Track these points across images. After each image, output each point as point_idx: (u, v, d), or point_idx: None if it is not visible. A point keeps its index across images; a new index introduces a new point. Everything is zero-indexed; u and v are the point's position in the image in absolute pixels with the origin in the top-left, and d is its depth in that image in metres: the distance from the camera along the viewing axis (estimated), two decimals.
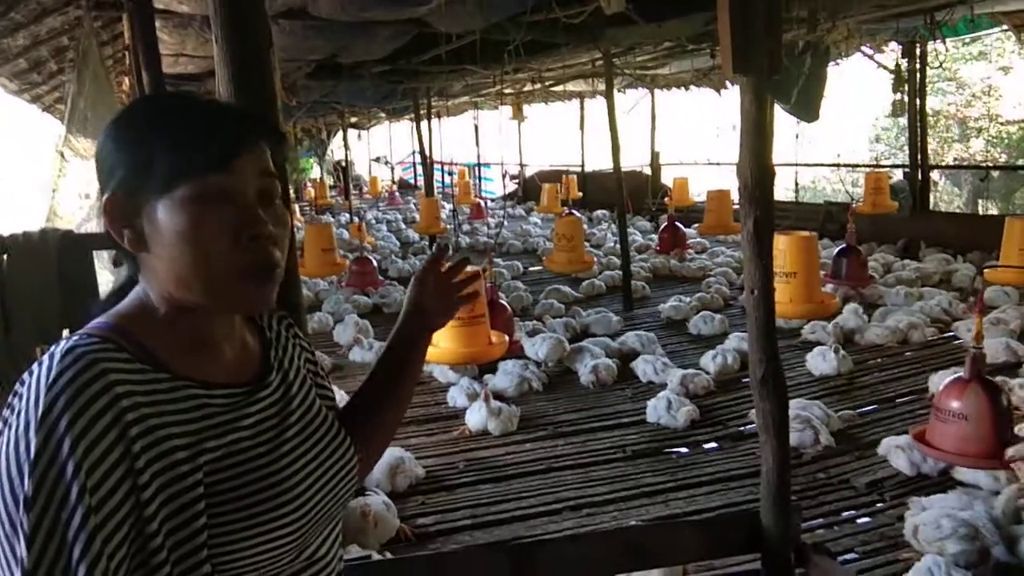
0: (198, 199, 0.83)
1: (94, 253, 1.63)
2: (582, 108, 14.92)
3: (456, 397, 5.01)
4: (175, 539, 0.79)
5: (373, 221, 15.01)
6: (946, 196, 17.62)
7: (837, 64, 8.56)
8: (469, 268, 1.28)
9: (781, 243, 4.65)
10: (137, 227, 0.86)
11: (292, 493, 0.90)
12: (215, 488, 0.83)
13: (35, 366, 0.79)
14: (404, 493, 3.79)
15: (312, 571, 0.95)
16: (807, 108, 6.55)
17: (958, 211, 15.63)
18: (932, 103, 15.77)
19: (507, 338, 4.26)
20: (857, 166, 14.76)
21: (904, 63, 8.64)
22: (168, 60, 5.91)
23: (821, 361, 5.37)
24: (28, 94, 6.79)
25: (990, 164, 17.71)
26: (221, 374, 0.91)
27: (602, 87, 9.36)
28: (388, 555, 3.08)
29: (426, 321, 1.23)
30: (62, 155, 4.80)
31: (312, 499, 0.93)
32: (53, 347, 0.80)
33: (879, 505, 3.57)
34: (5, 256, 1.58)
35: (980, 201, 16.09)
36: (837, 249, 6.96)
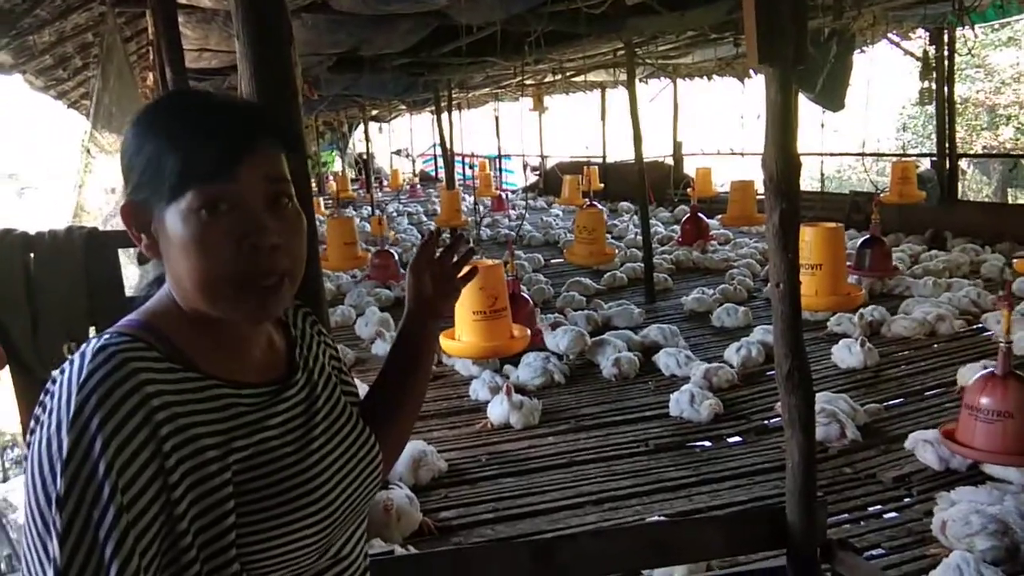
0: (202, 208, 0.82)
1: (119, 251, 1.65)
2: (603, 98, 14.82)
3: (478, 390, 5.01)
4: (204, 538, 0.80)
5: (394, 214, 15.06)
6: (975, 185, 17.31)
7: (863, 52, 8.43)
8: (468, 256, 1.26)
9: (806, 235, 4.59)
10: (151, 234, 0.86)
11: (320, 491, 0.90)
12: (244, 487, 0.83)
13: (66, 365, 0.79)
14: (427, 486, 3.81)
15: (337, 569, 0.95)
16: (832, 97, 6.47)
17: (987, 200, 15.35)
18: (960, 90, 15.50)
19: (528, 331, 4.24)
20: (883, 155, 14.54)
21: (932, 50, 8.48)
22: (192, 55, 5.95)
23: (847, 354, 5.31)
24: (54, 90, 6.87)
25: (1020, 152, 17.40)
26: (249, 373, 0.91)
27: (624, 77, 9.30)
28: (411, 549, 3.09)
29: (430, 310, 1.21)
30: (87, 151, 4.85)
31: (339, 497, 0.93)
32: (84, 346, 0.81)
33: (906, 500, 3.52)
34: (31, 255, 1.59)
35: (1009, 190, 15.80)
36: (861, 240, 6.86)
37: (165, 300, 0.89)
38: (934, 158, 9.69)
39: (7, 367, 1.63)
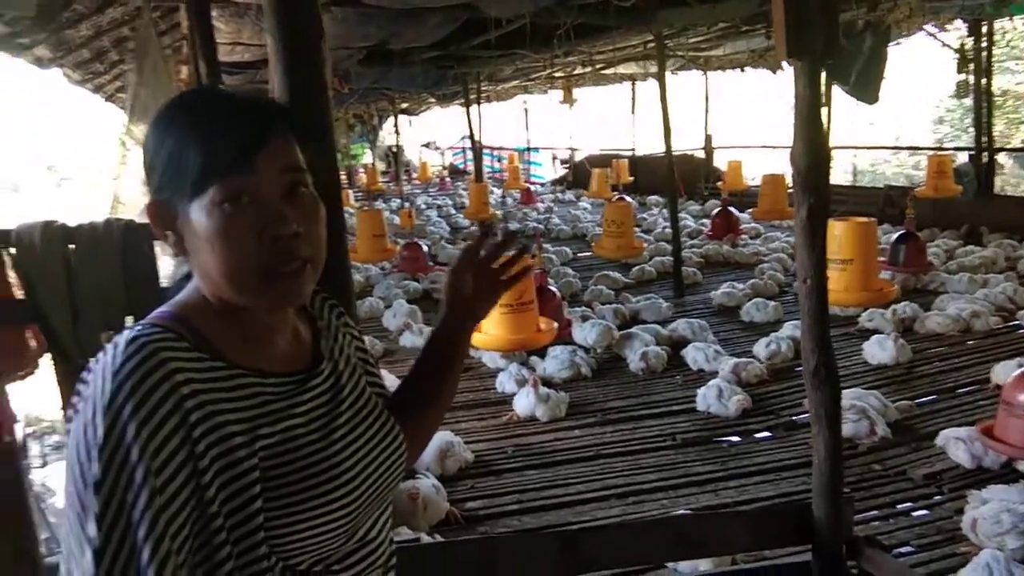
0: (224, 201, 0.84)
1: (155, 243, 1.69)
2: (633, 91, 14.72)
3: (505, 383, 5.04)
4: (233, 521, 0.83)
5: (423, 206, 15.12)
6: (1013, 179, 16.93)
7: (899, 44, 8.28)
8: (512, 250, 1.20)
9: (837, 229, 4.53)
10: (177, 231, 0.89)
11: (344, 478, 0.92)
12: (270, 473, 0.86)
13: (101, 355, 0.83)
14: (453, 477, 3.84)
15: (362, 553, 0.98)
16: (867, 89, 6.37)
17: None
18: (999, 83, 15.13)
19: (555, 325, 4.25)
20: (918, 149, 14.27)
21: (970, 42, 8.31)
22: (224, 48, 6.02)
23: (879, 350, 5.24)
24: (91, 84, 7.00)
25: None
26: (275, 363, 0.93)
27: (654, 69, 9.23)
28: (438, 537, 3.13)
29: (469, 312, 1.18)
30: (123, 143, 4.95)
31: (363, 483, 0.95)
32: (117, 336, 0.84)
33: (936, 498, 3.48)
34: (71, 246, 1.64)
35: None
36: (895, 235, 6.76)
37: (194, 293, 0.92)
38: (971, 152, 9.49)
39: (47, 355, 1.68)
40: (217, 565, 0.81)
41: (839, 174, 11.60)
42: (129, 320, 1.63)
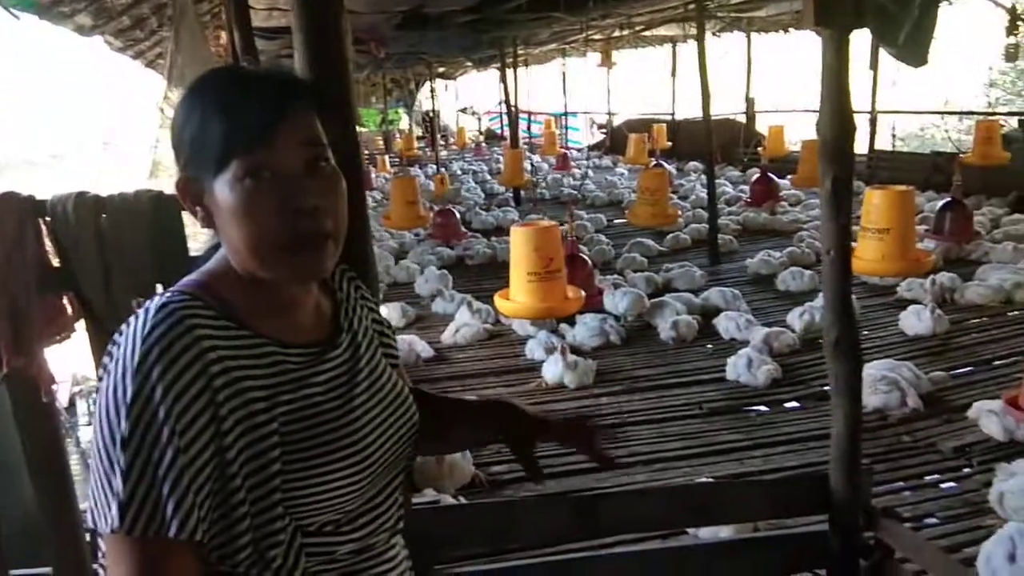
0: (246, 176, 0.87)
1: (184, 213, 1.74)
2: (674, 54, 14.44)
3: (534, 350, 5.07)
4: (252, 481, 0.88)
5: (459, 172, 15.11)
6: None
7: (950, 3, 7.99)
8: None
9: (876, 197, 4.47)
10: (205, 206, 0.92)
11: (359, 445, 0.97)
12: (289, 438, 0.90)
13: (131, 319, 0.88)
14: None
15: (371, 515, 1.03)
16: (915, 52, 6.14)
17: None
18: None
19: (583, 293, 4.27)
20: (965, 113, 13.79)
21: (1022, 2, 7.98)
22: (262, 14, 6.08)
23: (916, 320, 5.15)
24: (132, 50, 7.11)
25: None
26: (296, 334, 0.97)
27: (694, 31, 9.06)
28: (461, 499, 3.20)
29: (527, 439, 1.24)
30: (162, 110, 5.04)
31: (377, 451, 1.00)
32: (147, 303, 0.89)
33: (966, 471, 3.45)
34: (103, 216, 1.70)
35: None
36: (940, 203, 6.60)
37: (222, 263, 0.96)
38: (1022, 117, 9.17)
39: (82, 321, 1.76)
40: (235, 522, 0.86)
41: (885, 140, 11.28)
42: (159, 288, 1.69)
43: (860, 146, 9.78)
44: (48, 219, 1.71)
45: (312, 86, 0.98)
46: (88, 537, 1.81)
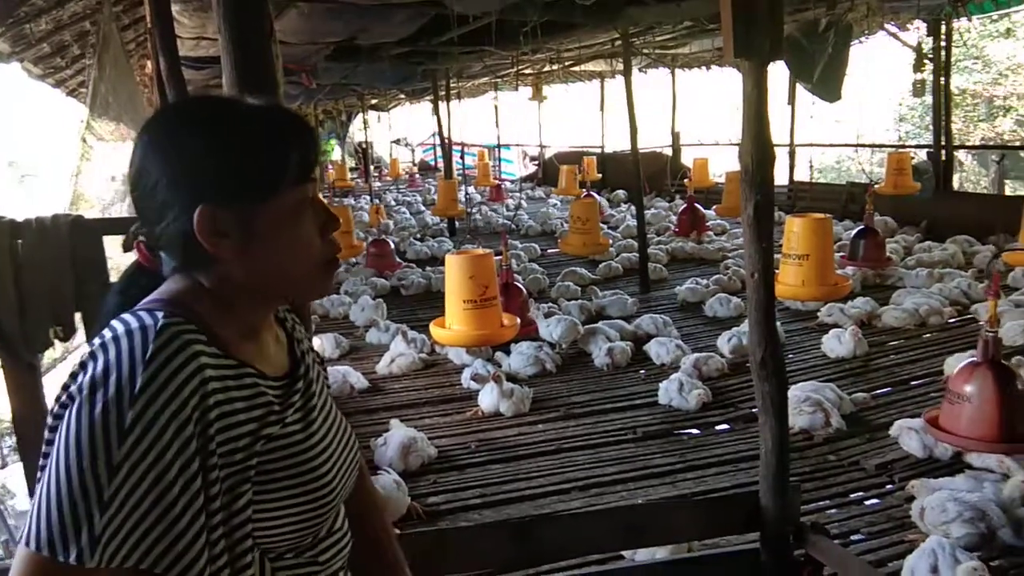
0: (300, 204, 0.93)
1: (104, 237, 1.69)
2: (602, 88, 14.81)
3: (469, 379, 5.05)
4: (226, 514, 0.86)
5: (393, 203, 15.06)
6: (973, 176, 17.30)
7: (861, 43, 8.43)
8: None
9: (794, 225, 4.63)
10: (234, 235, 0.89)
11: (321, 471, 0.98)
12: (264, 468, 0.91)
13: (120, 337, 0.82)
14: (416, 472, 3.86)
15: (331, 540, 1.04)
16: (829, 88, 6.48)
17: (983, 191, 15.34)
18: (958, 82, 15.44)
19: (518, 320, 4.29)
20: (879, 146, 14.52)
21: (928, 41, 8.48)
22: (189, 43, 5.98)
23: (837, 343, 5.35)
24: (52, 78, 6.88)
25: (1018, 144, 17.36)
26: (268, 365, 0.98)
27: (622, 67, 9.31)
28: (397, 531, 3.14)
29: None
30: (84, 140, 4.89)
31: (336, 477, 1.01)
32: (133, 320, 0.84)
33: (888, 487, 3.57)
34: (19, 241, 1.64)
35: (1007, 182, 15.76)
36: (854, 231, 6.89)
37: (196, 290, 0.92)
38: (930, 149, 9.69)
39: None
40: (211, 556, 0.84)
41: (802, 171, 11.78)
42: (78, 316, 1.63)
43: (780, 177, 10.22)
44: None
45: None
46: None
